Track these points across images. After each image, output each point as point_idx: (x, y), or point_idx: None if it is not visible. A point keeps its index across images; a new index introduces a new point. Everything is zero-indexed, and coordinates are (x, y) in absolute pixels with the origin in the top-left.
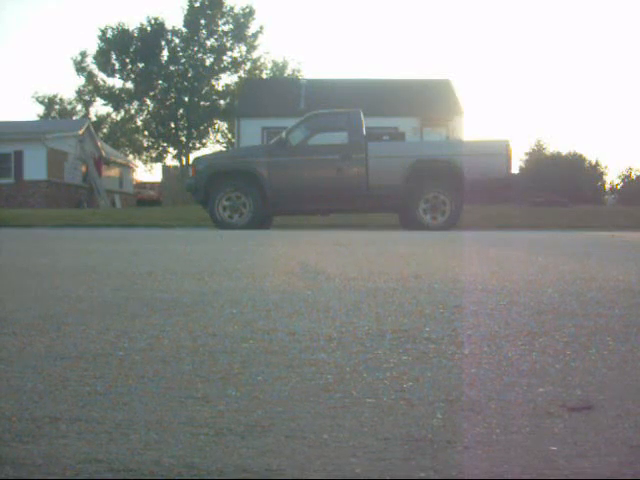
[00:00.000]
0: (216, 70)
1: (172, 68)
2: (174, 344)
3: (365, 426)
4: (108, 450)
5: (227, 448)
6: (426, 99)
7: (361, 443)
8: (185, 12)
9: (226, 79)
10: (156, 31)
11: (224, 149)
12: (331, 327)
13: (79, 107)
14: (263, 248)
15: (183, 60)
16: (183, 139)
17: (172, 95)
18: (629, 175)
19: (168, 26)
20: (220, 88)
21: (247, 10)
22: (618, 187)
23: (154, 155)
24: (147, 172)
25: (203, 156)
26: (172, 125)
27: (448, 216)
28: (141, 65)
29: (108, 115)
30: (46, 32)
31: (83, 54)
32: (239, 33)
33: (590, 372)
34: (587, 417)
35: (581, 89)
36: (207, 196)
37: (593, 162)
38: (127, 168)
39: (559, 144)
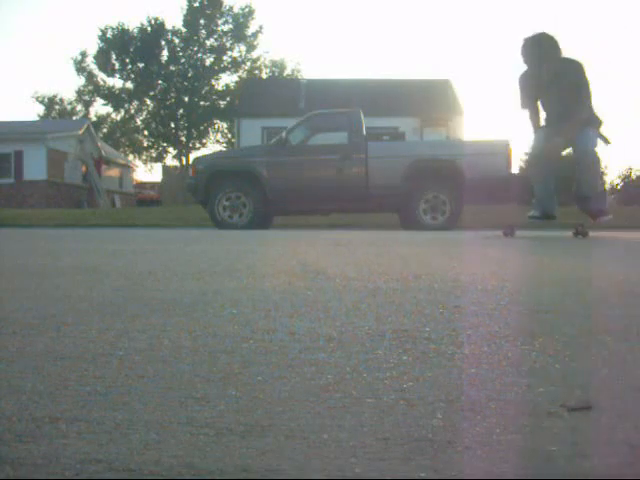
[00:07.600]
0: (216, 70)
1: (172, 68)
2: (174, 344)
3: (365, 426)
4: (108, 450)
5: (227, 448)
6: (426, 99)
7: (361, 443)
8: (184, 12)
9: (226, 79)
10: (156, 31)
11: (224, 149)
12: (331, 327)
13: (79, 107)
14: (263, 248)
15: (183, 60)
16: (183, 139)
17: (172, 95)
18: (629, 175)
19: (168, 26)
20: (220, 88)
21: (246, 10)
22: (618, 187)
23: (154, 155)
24: (147, 172)
25: (203, 156)
26: (172, 125)
27: (448, 216)
28: (141, 65)
29: (108, 115)
30: (46, 32)
31: (83, 54)
32: (239, 33)
33: (590, 372)
34: (587, 417)
35: None
36: (207, 196)
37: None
38: (127, 168)
39: None
